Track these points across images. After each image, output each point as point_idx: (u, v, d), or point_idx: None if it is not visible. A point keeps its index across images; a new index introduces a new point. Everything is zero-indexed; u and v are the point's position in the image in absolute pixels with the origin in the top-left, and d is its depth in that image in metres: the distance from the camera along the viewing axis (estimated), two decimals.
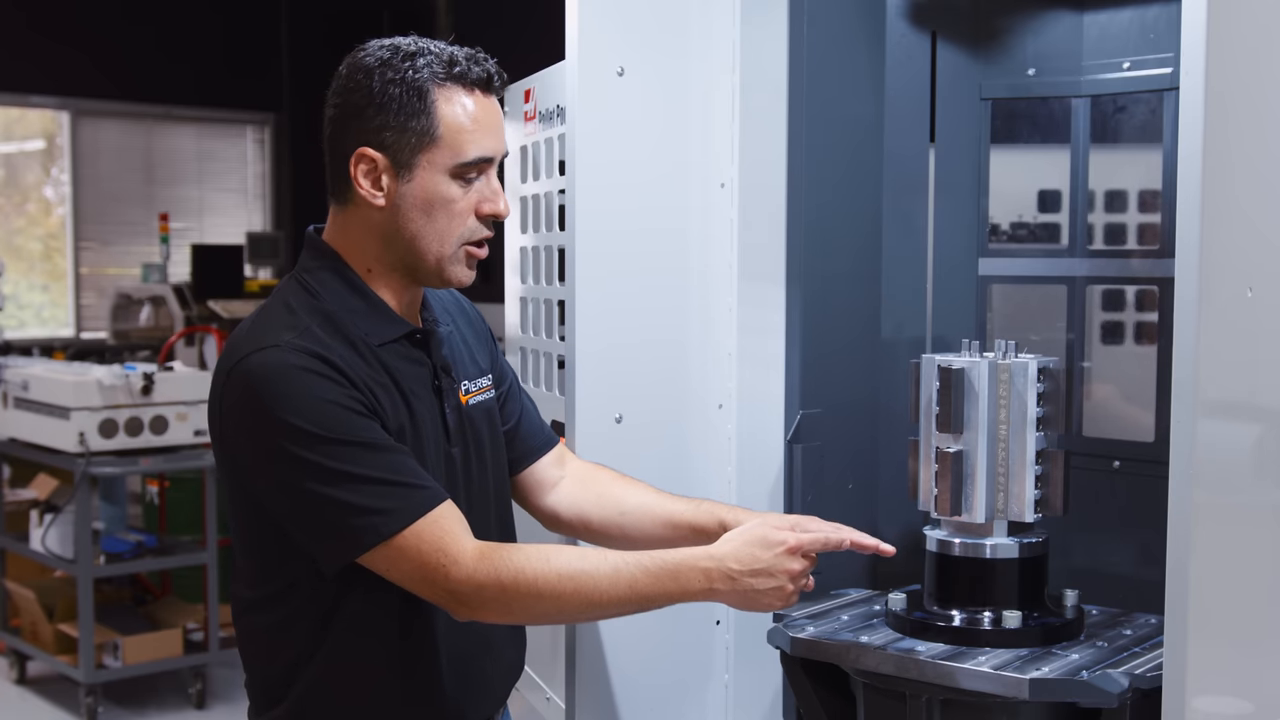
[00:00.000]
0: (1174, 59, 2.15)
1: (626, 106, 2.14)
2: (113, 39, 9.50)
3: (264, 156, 10.52)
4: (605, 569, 1.67)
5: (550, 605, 1.66)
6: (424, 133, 1.70)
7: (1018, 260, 2.44)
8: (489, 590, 1.64)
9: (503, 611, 1.67)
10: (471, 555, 1.64)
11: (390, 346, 1.76)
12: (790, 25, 2.27)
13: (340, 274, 1.77)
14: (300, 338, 1.67)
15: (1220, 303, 1.66)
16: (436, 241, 1.73)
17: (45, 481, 5.44)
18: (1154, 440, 2.25)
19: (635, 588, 1.67)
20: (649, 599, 1.69)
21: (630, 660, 2.18)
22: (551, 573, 1.65)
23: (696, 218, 2.23)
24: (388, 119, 1.70)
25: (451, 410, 1.81)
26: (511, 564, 1.65)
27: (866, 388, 2.41)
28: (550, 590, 1.65)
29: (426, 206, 1.72)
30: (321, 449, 1.62)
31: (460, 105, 1.71)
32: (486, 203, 1.75)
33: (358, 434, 1.64)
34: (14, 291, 9.33)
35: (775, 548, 1.71)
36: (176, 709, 5.22)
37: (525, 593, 1.64)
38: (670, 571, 1.68)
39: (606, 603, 1.67)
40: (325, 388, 1.64)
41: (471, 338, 1.94)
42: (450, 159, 1.71)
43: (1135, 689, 1.83)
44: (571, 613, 1.70)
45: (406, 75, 1.70)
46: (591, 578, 1.66)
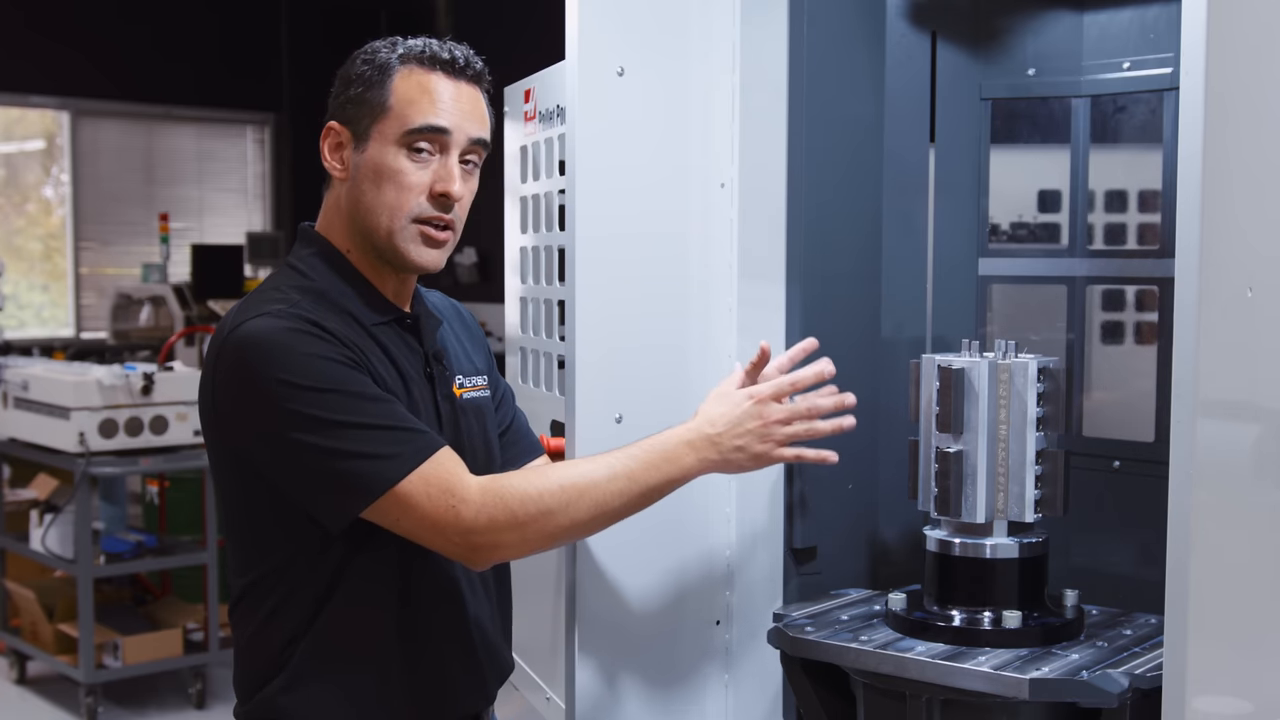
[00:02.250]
0: (1174, 59, 2.15)
1: (626, 107, 2.14)
2: (112, 39, 9.50)
3: (264, 156, 10.53)
4: (601, 468, 1.71)
5: (563, 519, 1.68)
6: (377, 104, 1.75)
7: (1018, 260, 2.44)
8: (501, 519, 1.65)
9: (519, 539, 1.68)
10: (477, 491, 1.66)
11: (382, 328, 1.78)
12: (790, 25, 2.27)
13: (329, 259, 1.80)
14: (291, 307, 1.70)
15: (1220, 303, 1.66)
16: (386, 215, 1.75)
17: (45, 481, 5.45)
18: (1154, 440, 2.25)
19: (634, 478, 1.71)
20: (651, 487, 1.73)
21: (630, 660, 2.19)
22: (554, 485, 1.68)
23: (697, 218, 2.23)
24: (350, 92, 1.77)
25: (444, 399, 1.83)
26: (515, 489, 1.67)
27: (866, 388, 2.41)
28: (558, 503, 1.67)
29: (376, 177, 1.75)
30: (318, 402, 1.63)
31: (416, 80, 1.76)
32: (439, 181, 1.76)
33: (351, 385, 1.65)
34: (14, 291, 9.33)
35: (740, 401, 1.75)
36: (176, 709, 5.23)
37: (535, 512, 1.66)
38: (660, 453, 1.73)
39: (612, 499, 1.70)
40: (316, 344, 1.66)
41: (467, 340, 1.96)
42: (398, 128, 1.74)
43: (1135, 689, 1.83)
44: (584, 521, 1.71)
45: (379, 55, 1.77)
46: (592, 480, 1.69)
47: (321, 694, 1.76)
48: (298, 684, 1.76)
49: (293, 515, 1.71)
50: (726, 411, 1.76)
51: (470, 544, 1.67)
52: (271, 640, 1.77)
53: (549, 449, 2.26)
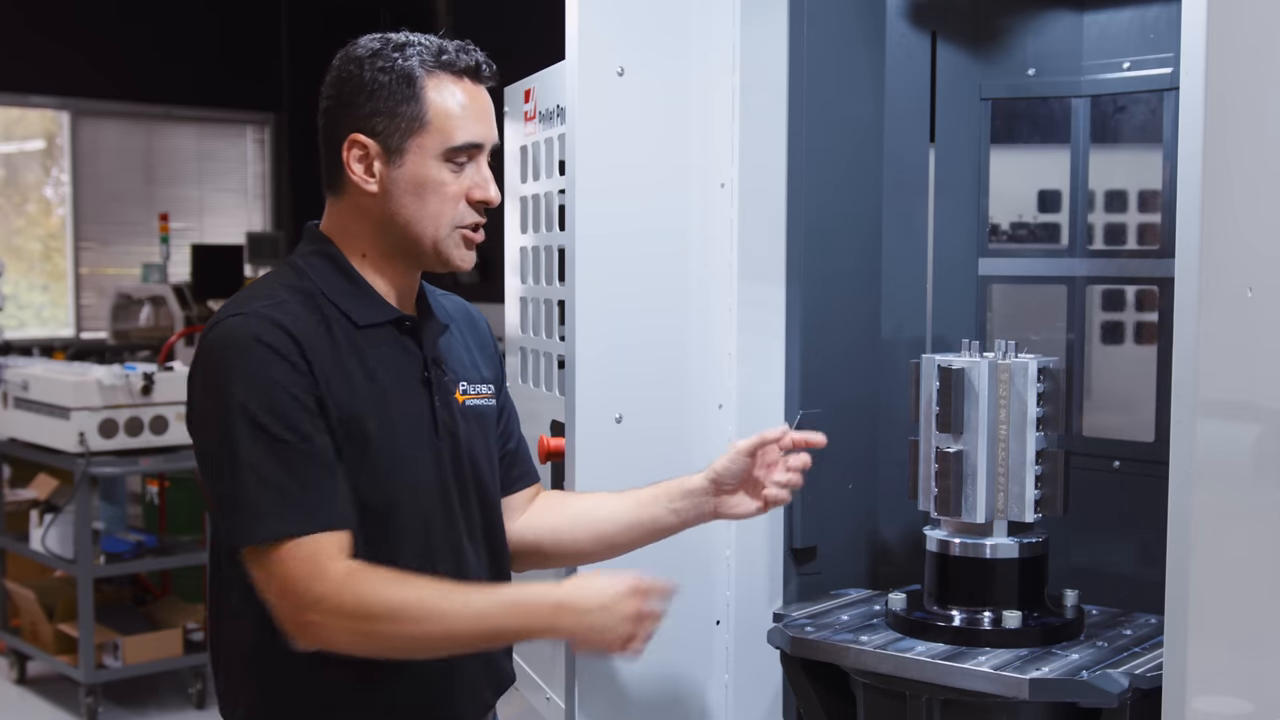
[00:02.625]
0: (1174, 59, 2.15)
1: (626, 107, 2.14)
2: (112, 39, 9.49)
3: (264, 156, 10.52)
4: (458, 604, 1.66)
5: (403, 632, 1.64)
6: (414, 118, 1.73)
7: (1018, 260, 2.44)
8: (346, 610, 1.62)
9: (352, 633, 1.64)
10: (340, 574, 1.63)
11: (374, 331, 1.77)
12: (790, 25, 2.27)
13: (331, 258, 1.80)
14: (271, 308, 1.70)
15: (1220, 303, 1.66)
16: (431, 225, 1.76)
17: (45, 481, 5.44)
18: (1154, 440, 2.25)
19: (486, 619, 1.67)
20: (496, 630, 1.69)
21: (630, 660, 2.18)
22: (411, 598, 1.64)
23: (697, 218, 2.23)
24: (378, 105, 1.74)
25: (442, 404, 1.81)
26: (372, 587, 1.63)
27: (866, 388, 2.41)
28: (408, 616, 1.63)
29: (418, 190, 1.75)
30: (249, 429, 1.63)
31: (449, 92, 1.75)
32: (477, 189, 1.77)
33: (288, 428, 1.64)
34: (14, 291, 9.33)
35: (624, 604, 1.68)
36: (176, 709, 5.22)
37: (380, 616, 1.63)
38: (524, 609, 1.68)
39: (459, 635, 1.66)
40: (278, 367, 1.65)
41: (475, 347, 1.95)
42: (440, 144, 1.74)
43: (1135, 689, 1.83)
44: (422, 640, 1.67)
45: (396, 63, 1.74)
46: (445, 612, 1.65)
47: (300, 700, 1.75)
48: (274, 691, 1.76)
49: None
50: (603, 589, 1.69)
51: (303, 620, 1.64)
52: (241, 641, 1.76)
53: (549, 449, 2.26)
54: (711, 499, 1.98)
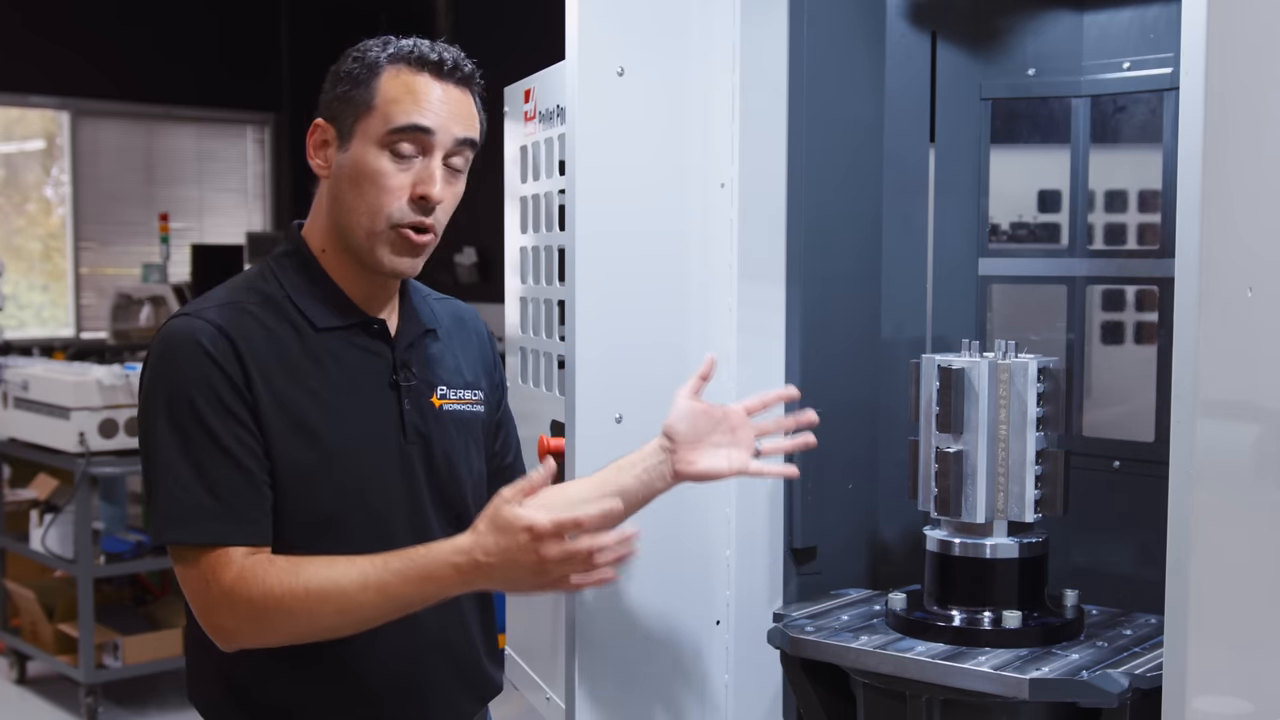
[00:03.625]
0: (1174, 59, 2.15)
1: (626, 107, 2.14)
2: (112, 39, 9.49)
3: (264, 156, 10.52)
4: (353, 576, 1.61)
5: (303, 623, 1.62)
6: (362, 102, 1.72)
7: (1018, 260, 2.44)
8: (242, 611, 1.62)
9: (257, 632, 1.63)
10: (232, 576, 1.63)
11: (337, 334, 1.75)
12: (790, 25, 2.27)
13: (300, 258, 1.79)
14: (220, 311, 1.70)
15: (1220, 303, 1.66)
16: (367, 216, 1.72)
17: (45, 481, 5.44)
18: (1154, 440, 2.25)
19: (387, 592, 1.61)
20: (407, 602, 1.63)
21: (630, 660, 2.18)
22: (300, 589, 1.61)
23: (697, 218, 2.23)
24: (339, 90, 1.75)
25: (413, 408, 1.79)
26: (263, 583, 1.62)
27: (866, 388, 2.41)
28: (300, 608, 1.61)
29: (357, 177, 1.72)
30: (171, 425, 1.64)
31: (403, 80, 1.73)
32: (420, 184, 1.71)
33: (210, 431, 1.64)
34: (14, 291, 9.33)
35: (517, 533, 1.57)
36: (176, 709, 5.22)
37: (275, 612, 1.61)
38: (421, 572, 1.61)
39: (361, 608, 1.62)
40: (209, 369, 1.65)
41: (462, 351, 1.92)
42: (381, 126, 1.71)
43: (1135, 689, 1.83)
44: (328, 627, 1.64)
45: (368, 54, 1.75)
46: (340, 589, 1.61)
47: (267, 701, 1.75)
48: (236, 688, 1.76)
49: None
50: (503, 544, 1.58)
51: (212, 624, 1.65)
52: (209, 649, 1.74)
53: (549, 449, 2.25)
54: (669, 457, 1.91)
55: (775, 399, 1.99)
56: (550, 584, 1.61)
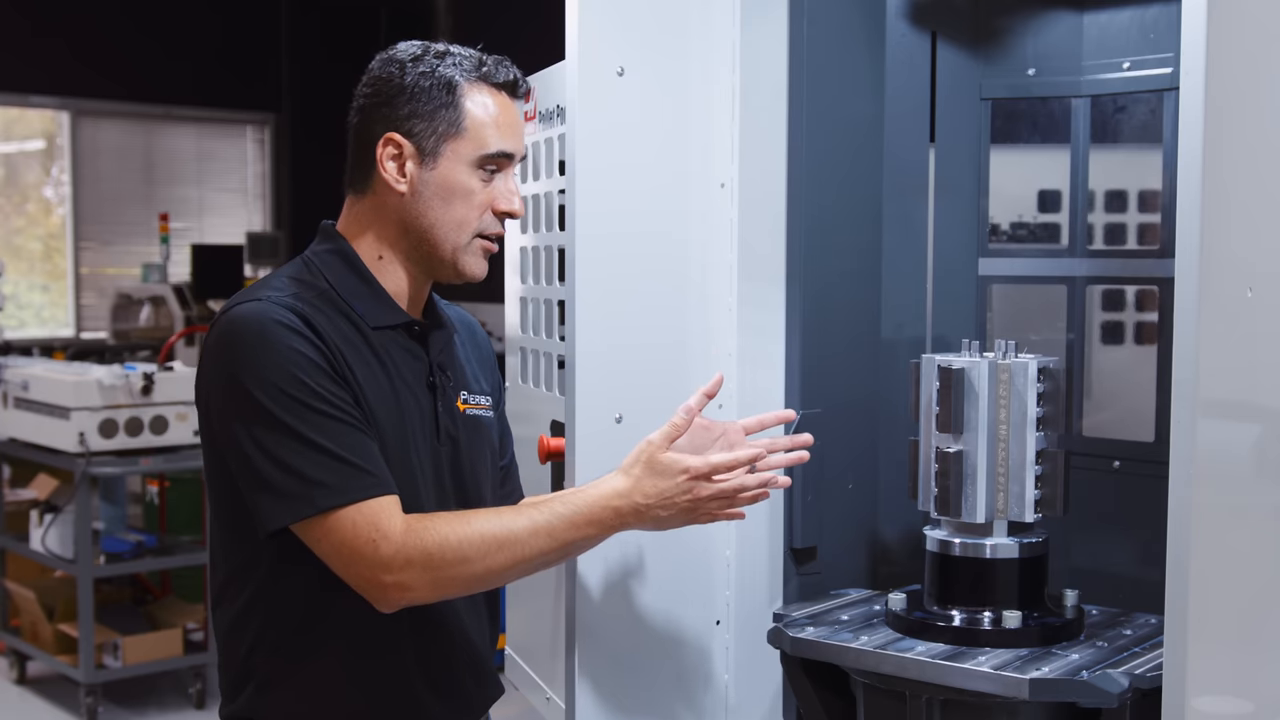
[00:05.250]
0: (1174, 59, 2.15)
1: (626, 107, 2.14)
2: (113, 39, 9.49)
3: (264, 156, 10.52)
4: (523, 523, 1.69)
5: (478, 568, 1.67)
6: (451, 123, 1.77)
7: (1018, 260, 2.44)
8: (417, 560, 1.64)
9: (430, 582, 1.66)
10: (400, 529, 1.65)
11: (386, 333, 1.78)
12: (790, 25, 2.27)
13: (346, 258, 1.81)
14: (285, 296, 1.71)
15: (1220, 303, 1.66)
16: (454, 230, 1.79)
17: (45, 481, 5.44)
18: (1154, 440, 2.25)
19: (555, 536, 1.70)
20: (571, 545, 1.73)
21: (630, 660, 2.18)
22: (475, 535, 1.67)
23: (696, 218, 2.23)
24: (417, 107, 1.77)
25: (445, 410, 1.82)
26: (438, 532, 1.66)
27: (866, 388, 2.41)
28: (476, 553, 1.66)
29: (447, 195, 1.78)
30: (284, 404, 1.64)
31: (486, 102, 1.79)
32: (502, 199, 1.81)
33: (324, 400, 1.65)
34: (14, 291, 9.33)
35: (675, 475, 1.73)
36: (176, 709, 5.23)
37: (453, 559, 1.65)
38: (585, 514, 1.71)
39: (530, 554, 1.69)
40: (301, 344, 1.66)
41: (475, 359, 1.96)
42: (474, 150, 1.78)
43: (1135, 689, 1.83)
44: (499, 572, 1.70)
45: (437, 69, 1.78)
46: (512, 534, 1.68)
47: (289, 699, 1.76)
48: (266, 688, 1.76)
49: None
50: (661, 487, 1.73)
51: (379, 582, 1.65)
52: (239, 643, 1.78)
53: (549, 449, 2.26)
54: None
55: (774, 420, 2.00)
56: (697, 519, 1.77)
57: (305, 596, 1.73)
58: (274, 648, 1.75)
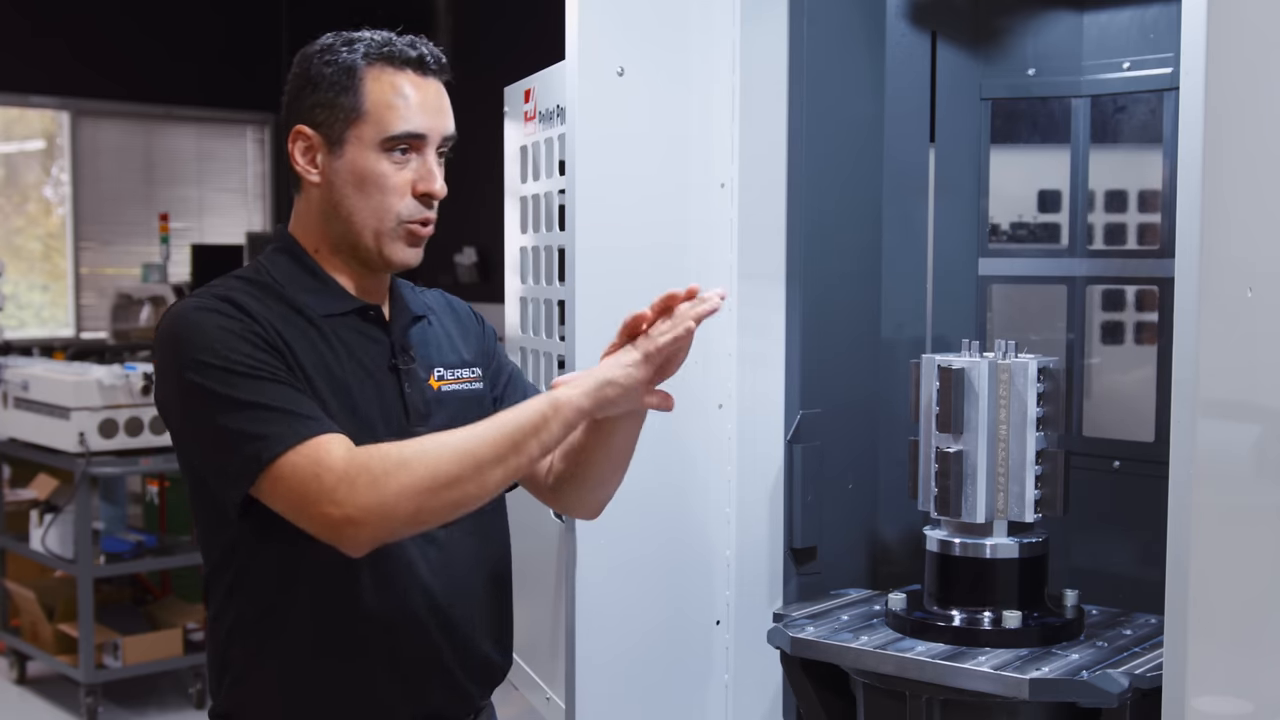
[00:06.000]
0: (1174, 59, 2.15)
1: (626, 107, 2.14)
2: (113, 39, 9.49)
3: (264, 156, 10.52)
4: (462, 431, 1.64)
5: (421, 470, 1.59)
6: (351, 108, 1.74)
7: (1018, 260, 2.44)
8: (360, 481, 1.58)
9: (379, 503, 1.58)
10: (342, 457, 1.61)
11: (338, 320, 1.78)
12: (790, 25, 2.27)
13: (292, 254, 1.81)
14: (218, 291, 1.73)
15: (1220, 303, 1.66)
16: (373, 218, 1.76)
17: (45, 481, 5.44)
18: (1154, 440, 2.25)
19: (498, 421, 1.63)
20: (519, 425, 1.63)
21: (630, 660, 2.18)
22: (414, 444, 1.62)
23: (697, 218, 2.23)
24: (320, 96, 1.76)
25: (414, 391, 1.81)
26: (377, 449, 1.61)
27: (866, 388, 2.41)
28: (414, 452, 1.60)
29: (359, 182, 1.75)
30: (215, 376, 1.64)
31: (388, 82, 1.75)
32: (421, 181, 1.76)
33: (249, 364, 1.65)
34: (14, 291, 9.32)
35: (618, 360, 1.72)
36: (176, 709, 5.22)
37: (392, 466, 1.58)
38: (529, 403, 1.65)
39: (476, 444, 1.61)
40: (225, 321, 1.67)
41: (455, 331, 1.94)
42: (376, 133, 1.74)
43: (1135, 689, 1.83)
44: (451, 473, 1.60)
45: (340, 56, 1.76)
46: (454, 433, 1.62)
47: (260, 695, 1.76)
48: (240, 682, 1.77)
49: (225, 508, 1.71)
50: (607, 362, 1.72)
51: (329, 518, 1.59)
52: (218, 635, 1.79)
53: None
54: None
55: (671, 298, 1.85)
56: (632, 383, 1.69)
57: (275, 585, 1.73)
58: (246, 638, 1.76)
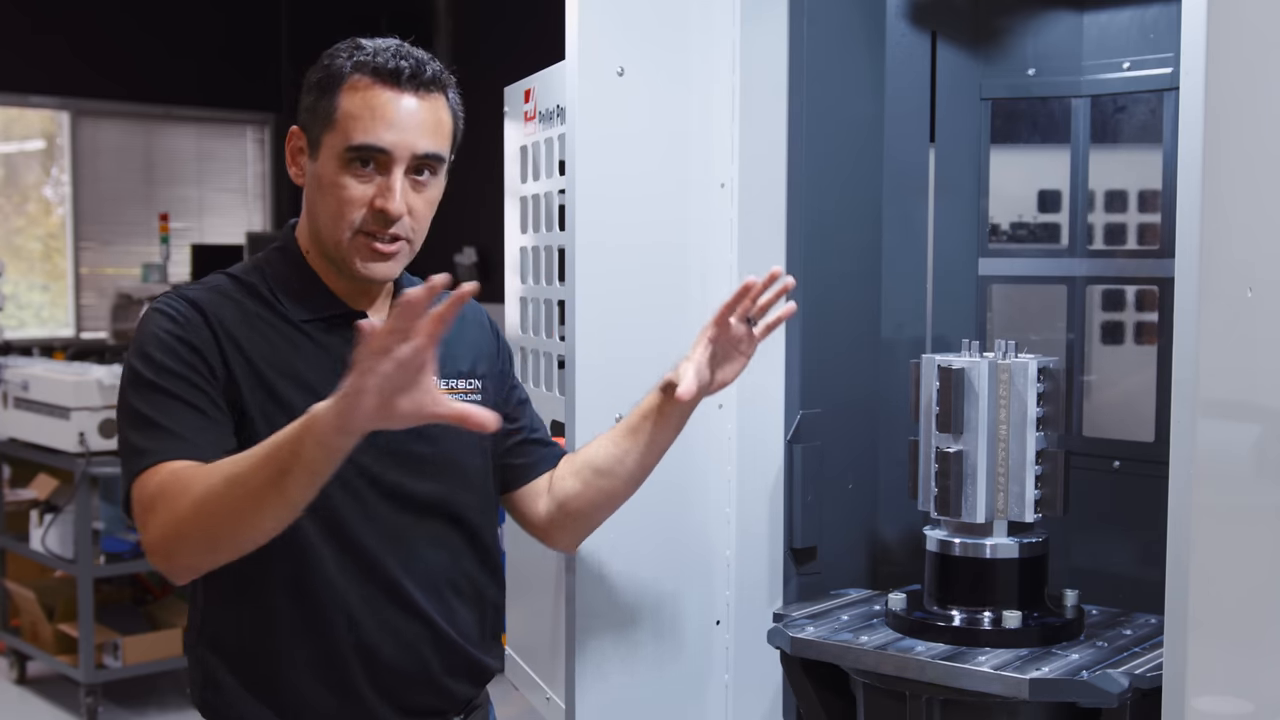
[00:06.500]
0: (1174, 59, 2.15)
1: (626, 107, 2.14)
2: (113, 39, 9.49)
3: (264, 156, 10.52)
4: (248, 452, 1.54)
5: (198, 491, 1.54)
6: (326, 115, 1.74)
7: (1018, 260, 2.44)
8: (158, 504, 1.58)
9: (165, 525, 1.56)
10: (156, 483, 1.59)
11: (318, 325, 1.78)
12: (790, 25, 2.27)
13: (286, 253, 1.83)
14: (194, 290, 1.75)
15: (1220, 303, 1.66)
16: (331, 224, 1.75)
17: (45, 481, 5.44)
18: (1154, 440, 2.25)
19: (267, 449, 1.50)
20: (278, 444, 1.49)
21: (630, 660, 2.18)
22: (205, 468, 1.58)
23: (697, 218, 2.23)
24: (307, 100, 1.77)
25: None
26: (182, 475, 1.58)
27: (866, 388, 2.41)
28: (200, 479, 1.55)
29: (322, 188, 1.75)
30: (138, 381, 1.67)
31: (361, 94, 1.72)
32: (379, 197, 1.73)
33: (167, 378, 1.66)
34: (14, 291, 9.32)
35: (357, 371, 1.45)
36: (176, 709, 5.22)
37: (175, 491, 1.57)
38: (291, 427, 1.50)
39: (243, 473, 1.51)
40: (170, 327, 1.69)
41: (459, 342, 1.91)
42: (340, 142, 1.73)
43: (1135, 689, 1.83)
44: (220, 497, 1.52)
45: (334, 63, 1.76)
46: (235, 459, 1.55)
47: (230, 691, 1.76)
48: (208, 685, 1.77)
49: None
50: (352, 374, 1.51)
51: (143, 542, 1.60)
52: (191, 634, 1.81)
53: None
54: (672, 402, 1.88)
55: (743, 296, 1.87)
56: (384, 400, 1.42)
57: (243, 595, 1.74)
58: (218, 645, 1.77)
